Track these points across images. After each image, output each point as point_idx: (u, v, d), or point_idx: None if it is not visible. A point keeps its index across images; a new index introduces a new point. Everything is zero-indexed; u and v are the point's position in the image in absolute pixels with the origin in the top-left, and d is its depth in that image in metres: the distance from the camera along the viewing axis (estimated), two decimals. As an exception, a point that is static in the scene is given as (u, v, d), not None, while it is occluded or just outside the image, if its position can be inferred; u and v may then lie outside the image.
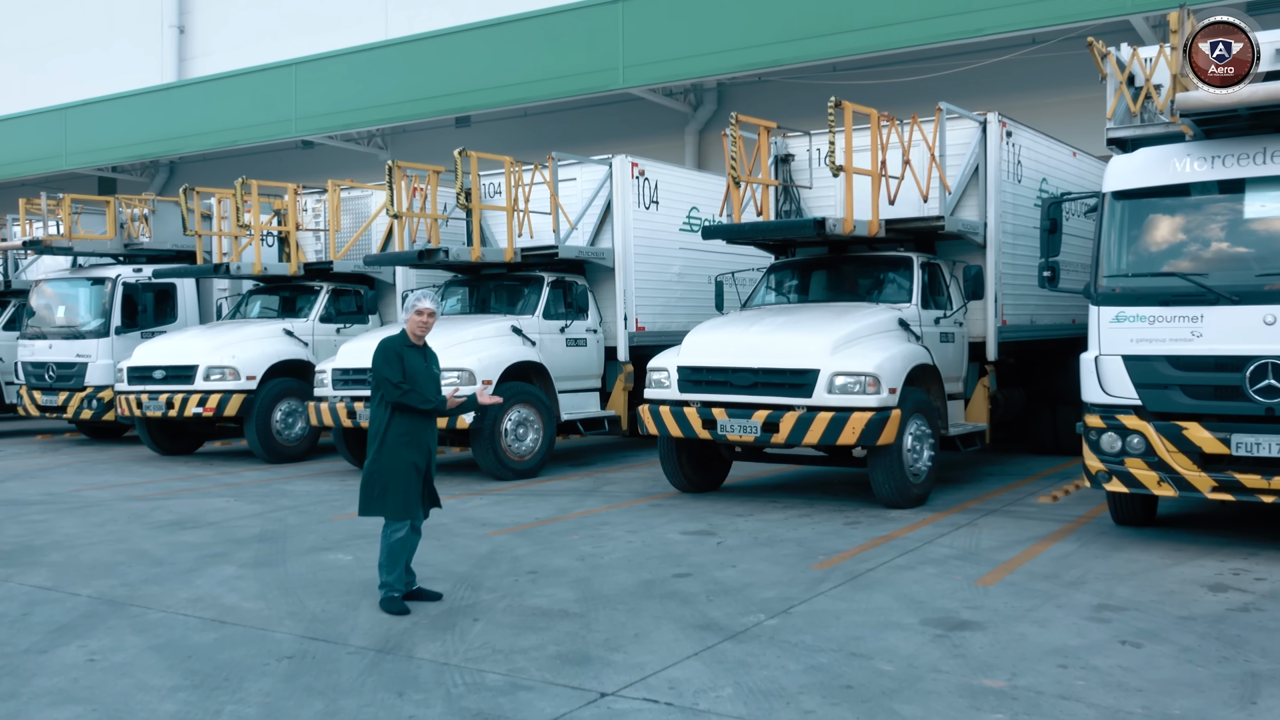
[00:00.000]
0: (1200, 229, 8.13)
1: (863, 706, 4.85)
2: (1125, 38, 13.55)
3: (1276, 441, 7.39)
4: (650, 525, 9.31)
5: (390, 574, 6.60)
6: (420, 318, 6.70)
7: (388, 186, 13.10)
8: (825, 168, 10.61)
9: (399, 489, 6.57)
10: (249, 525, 9.61)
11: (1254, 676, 5.19)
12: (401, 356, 6.61)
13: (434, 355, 6.89)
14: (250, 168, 21.53)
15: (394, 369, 6.57)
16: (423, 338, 6.77)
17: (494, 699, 5.03)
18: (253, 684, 5.30)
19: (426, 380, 6.67)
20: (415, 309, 6.72)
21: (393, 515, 6.59)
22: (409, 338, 6.72)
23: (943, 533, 8.77)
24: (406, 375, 6.58)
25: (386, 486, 6.57)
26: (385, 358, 6.61)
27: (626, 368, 13.71)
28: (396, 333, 6.80)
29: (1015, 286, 11.85)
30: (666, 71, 18.26)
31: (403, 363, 6.59)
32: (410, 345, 6.71)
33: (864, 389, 9.42)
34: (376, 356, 6.64)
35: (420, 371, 6.65)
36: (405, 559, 6.68)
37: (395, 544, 6.60)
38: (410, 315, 6.72)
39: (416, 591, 6.79)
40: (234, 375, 13.92)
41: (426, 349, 6.83)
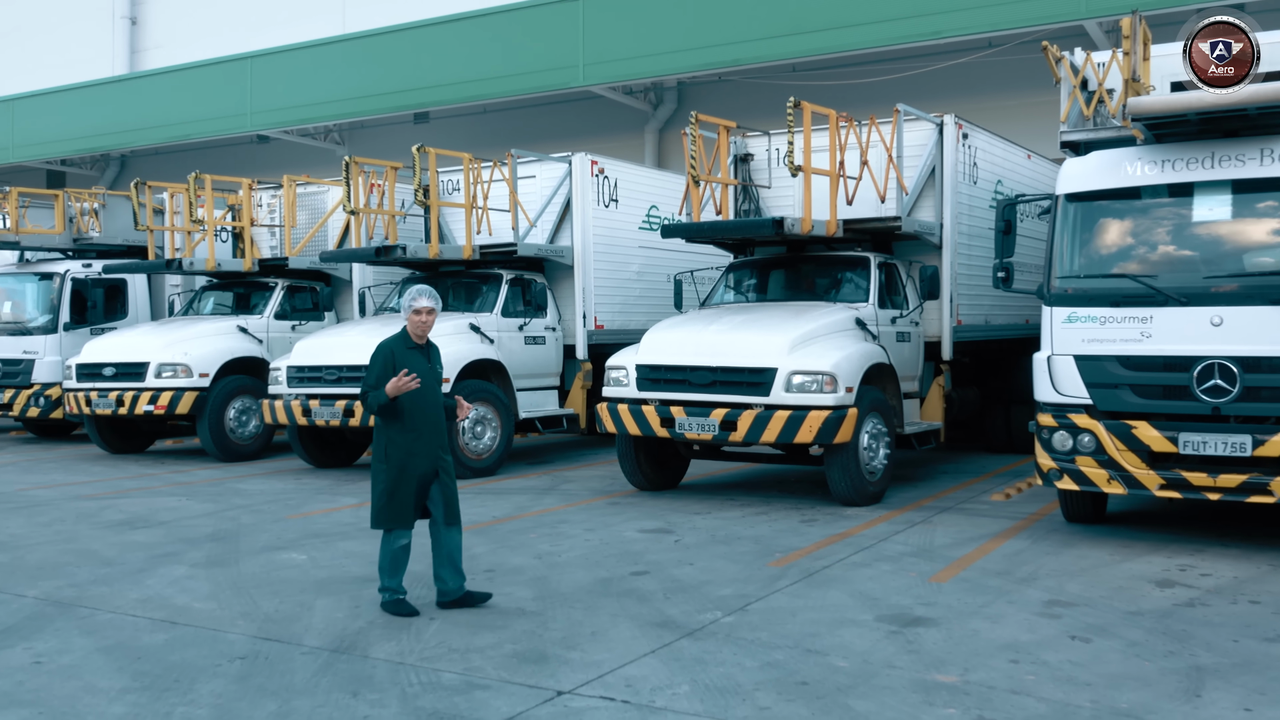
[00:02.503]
0: (1150, 232, 8.27)
1: (818, 703, 4.89)
2: (1079, 42, 13.74)
3: (1222, 440, 7.54)
4: (608, 523, 9.31)
5: (392, 579, 6.44)
6: (419, 317, 6.43)
7: (345, 182, 12.99)
8: (784, 168, 10.66)
9: (401, 498, 6.37)
10: (201, 524, 9.49)
11: (1199, 670, 5.29)
12: (393, 358, 6.36)
13: (437, 353, 6.65)
14: (204, 162, 21.28)
15: (372, 374, 6.35)
16: (424, 337, 6.51)
17: (450, 698, 5.00)
18: (204, 685, 5.23)
19: (429, 382, 6.42)
20: (412, 308, 6.43)
21: (395, 524, 6.39)
22: (409, 337, 6.48)
23: (898, 530, 8.85)
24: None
25: (392, 496, 6.37)
26: (373, 358, 6.41)
27: (585, 366, 13.70)
28: (398, 332, 6.54)
29: (970, 287, 11.98)
30: (627, 70, 18.26)
31: (392, 365, 6.33)
32: (410, 346, 6.46)
33: (821, 388, 9.48)
34: (370, 361, 6.45)
35: (423, 374, 6.38)
36: (453, 559, 6.46)
37: (398, 551, 6.42)
38: (408, 315, 6.45)
39: (466, 596, 6.54)
40: (186, 372, 13.73)
41: (430, 347, 6.58)
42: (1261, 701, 4.86)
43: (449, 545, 6.51)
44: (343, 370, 12.17)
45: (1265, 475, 7.44)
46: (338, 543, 8.61)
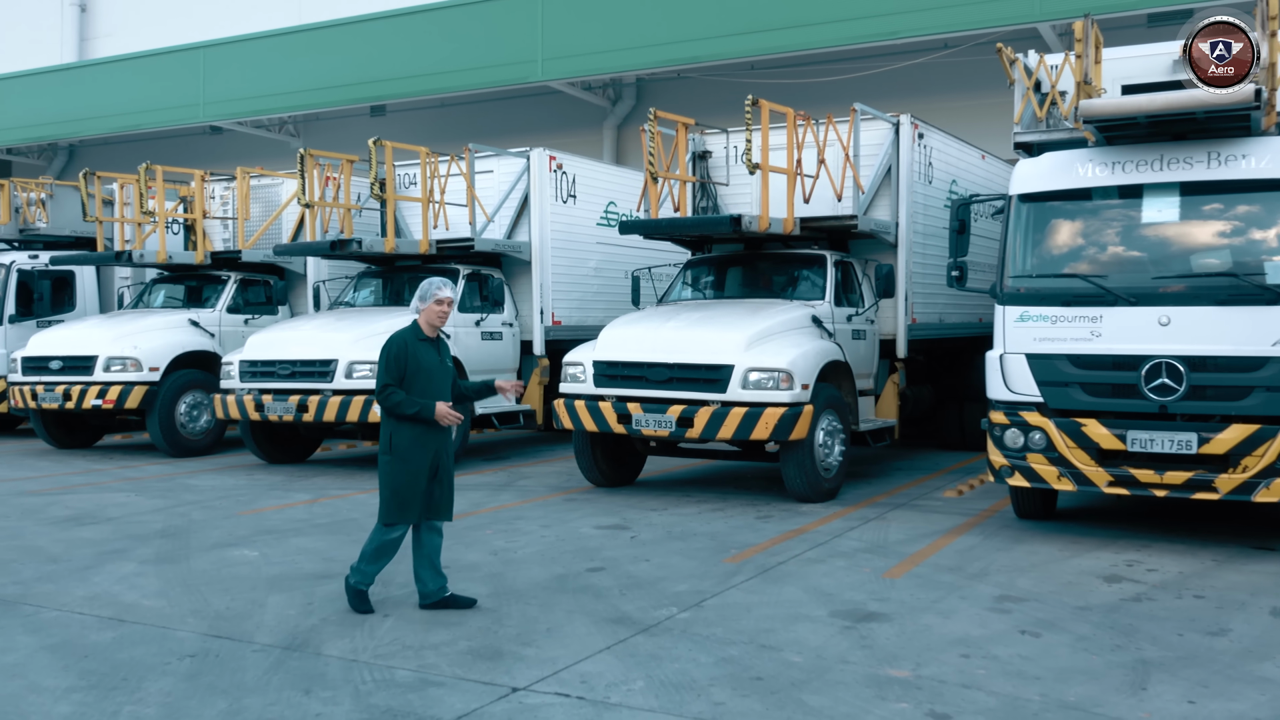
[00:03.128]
0: (1101, 232, 8.39)
1: (772, 698, 4.92)
2: (1033, 45, 13.94)
3: (1169, 438, 7.67)
4: (564, 520, 9.29)
5: (373, 565, 6.32)
6: (440, 307, 6.26)
7: (299, 175, 12.85)
8: (742, 165, 10.70)
9: (406, 491, 6.25)
10: (150, 521, 9.35)
11: (1145, 664, 5.39)
12: (406, 354, 6.21)
13: (446, 346, 6.50)
14: (155, 153, 20.90)
15: (390, 370, 6.19)
16: (439, 329, 6.38)
17: (403, 695, 4.97)
18: (153, 683, 5.15)
19: (441, 375, 6.32)
20: (435, 298, 6.26)
21: (396, 519, 6.26)
22: (421, 329, 6.32)
23: (852, 526, 8.92)
24: (411, 373, 6.20)
25: (395, 490, 6.26)
26: (384, 357, 6.24)
27: (542, 362, 13.67)
28: (407, 325, 6.38)
29: (925, 285, 12.10)
30: (585, 65, 18.22)
31: (407, 360, 6.19)
32: (423, 339, 6.32)
33: (777, 385, 9.53)
34: (380, 353, 6.30)
35: (434, 366, 6.28)
36: (432, 561, 6.36)
37: (388, 543, 6.30)
38: (428, 305, 6.26)
39: (450, 598, 6.42)
40: (136, 366, 13.51)
41: (439, 341, 6.45)
42: (1204, 694, 4.96)
43: (429, 546, 6.41)
44: (297, 365, 12.05)
45: (1210, 472, 7.59)
46: (290, 539, 8.52)
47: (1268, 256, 7.74)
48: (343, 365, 11.75)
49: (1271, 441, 7.41)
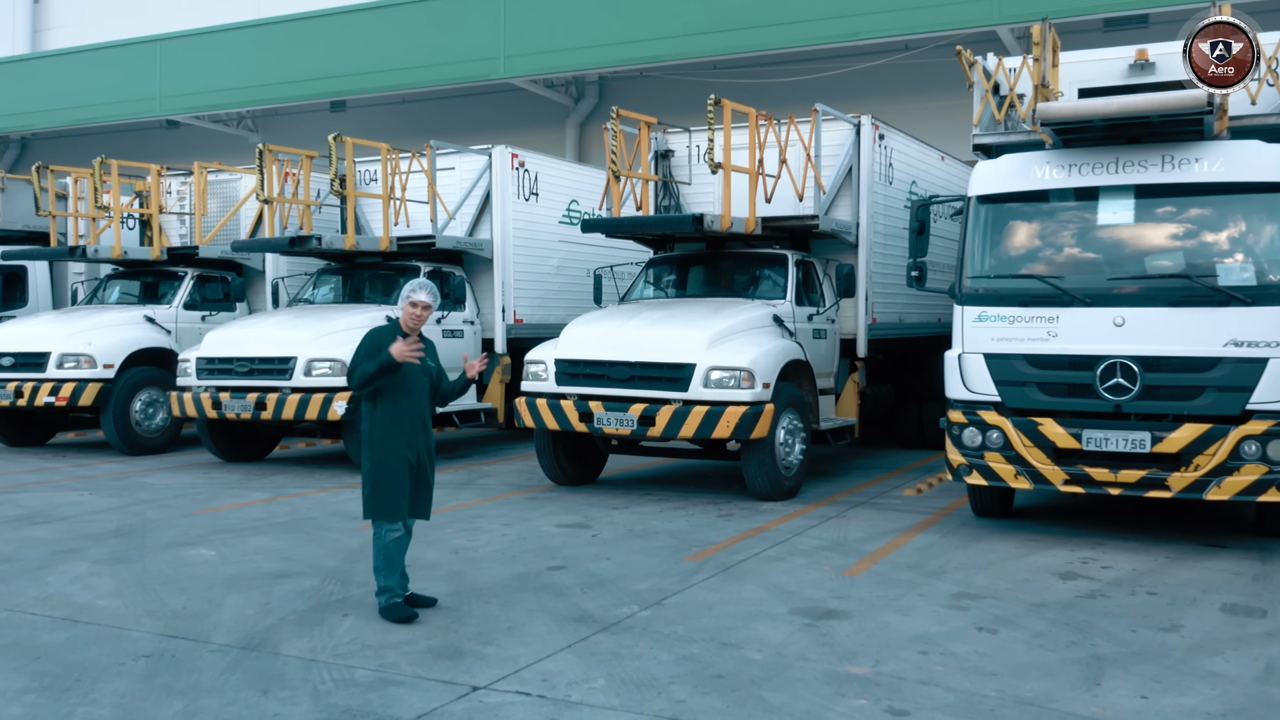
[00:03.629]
0: (1058, 234, 8.50)
1: (732, 695, 4.93)
2: (992, 48, 14.09)
3: (1123, 437, 7.79)
4: (525, 518, 9.27)
5: (389, 578, 6.20)
6: (414, 310, 6.27)
7: (258, 170, 12.70)
8: (704, 164, 10.72)
9: (388, 488, 6.19)
10: (105, 520, 9.21)
11: (1099, 659, 5.47)
12: (382, 348, 6.16)
13: (431, 347, 6.47)
14: (110, 147, 20.63)
15: (361, 349, 6.18)
16: (416, 330, 6.34)
17: (363, 695, 4.94)
18: (107, 684, 5.08)
19: (416, 376, 6.29)
20: (410, 300, 6.28)
21: (382, 515, 6.20)
22: (401, 328, 6.31)
23: (812, 524, 8.97)
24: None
25: (376, 486, 6.19)
26: (360, 347, 6.22)
27: (504, 360, 13.62)
28: (392, 321, 6.39)
29: (885, 285, 12.19)
30: (548, 63, 18.19)
31: (379, 349, 6.16)
32: (403, 337, 6.27)
33: (739, 384, 9.56)
34: (358, 344, 6.28)
35: (410, 366, 6.24)
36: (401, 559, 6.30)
37: (390, 545, 6.20)
38: (404, 306, 6.30)
39: (410, 597, 6.36)
40: (90, 363, 13.30)
41: (423, 342, 6.37)
42: (1157, 689, 5.04)
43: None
44: (255, 362, 11.91)
45: (1163, 471, 7.72)
46: (248, 538, 8.43)
47: (1219, 259, 7.88)
48: (302, 363, 11.64)
49: (1222, 440, 7.55)
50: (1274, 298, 7.59)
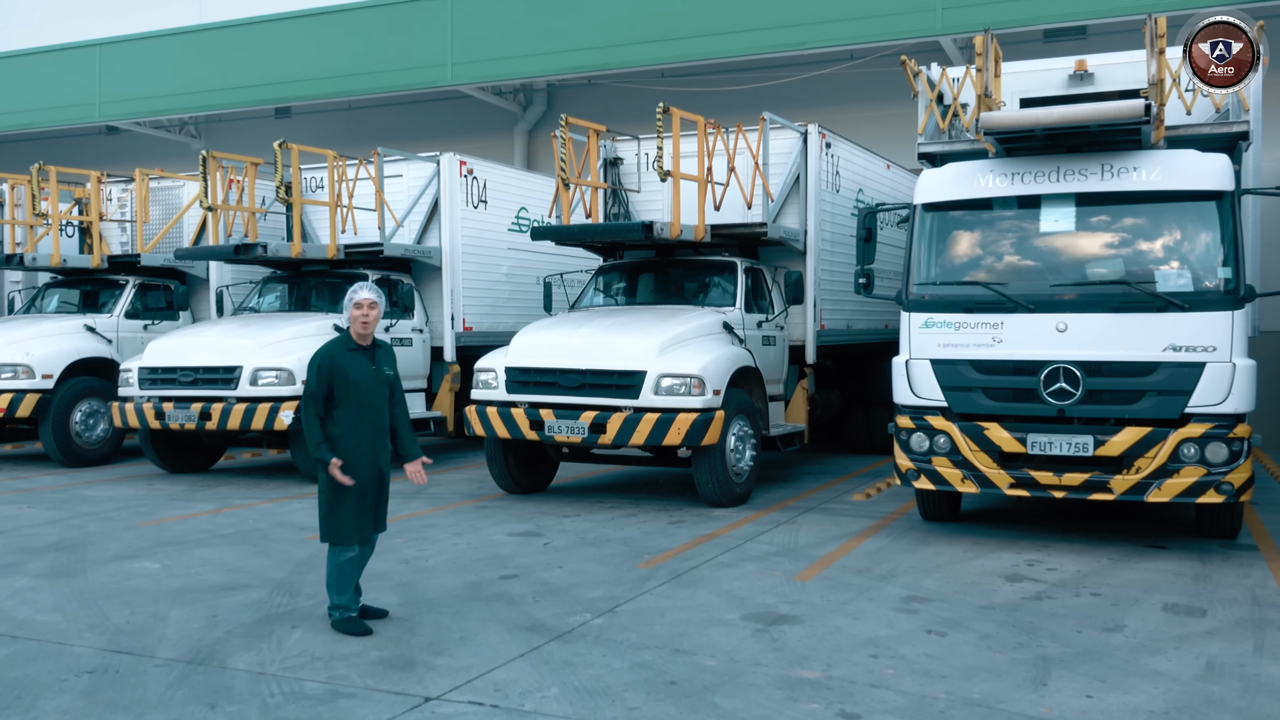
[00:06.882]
0: (1001, 241, 8.63)
1: (686, 701, 4.95)
2: (936, 58, 14.23)
3: (1067, 441, 7.93)
4: (476, 527, 9.22)
5: (342, 595, 6.07)
6: (359, 312, 5.97)
7: (202, 177, 12.52)
8: (653, 172, 10.76)
9: (346, 512, 6.03)
10: (44, 533, 9.01)
11: (1045, 660, 5.56)
12: (331, 366, 5.95)
13: (388, 354, 6.22)
14: (48, 153, 20.14)
15: (316, 383, 5.94)
16: (369, 336, 6.08)
17: (313, 708, 4.88)
18: (49, 701, 4.97)
19: (372, 388, 6.05)
20: (354, 301, 6.02)
21: (340, 540, 6.04)
22: (352, 339, 6.07)
23: (763, 530, 9.02)
24: (339, 386, 5.94)
25: (334, 509, 6.03)
26: (310, 368, 5.99)
27: (453, 368, 13.55)
28: (342, 331, 6.12)
29: (833, 292, 12.31)
30: (496, 70, 18.13)
31: (332, 372, 5.95)
32: (354, 348, 6.06)
33: (689, 390, 9.60)
34: (308, 372, 6.04)
35: (365, 379, 6.01)
36: (356, 577, 6.18)
37: (345, 565, 6.06)
38: (349, 311, 6.03)
39: (362, 609, 6.23)
40: (28, 373, 13.00)
41: (376, 348, 6.15)
42: (1102, 688, 5.13)
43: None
44: (199, 372, 11.73)
45: (1106, 474, 7.86)
46: (193, 550, 8.29)
47: (1157, 265, 8.06)
48: (247, 372, 11.48)
49: (1162, 444, 7.71)
50: (1210, 303, 7.78)
